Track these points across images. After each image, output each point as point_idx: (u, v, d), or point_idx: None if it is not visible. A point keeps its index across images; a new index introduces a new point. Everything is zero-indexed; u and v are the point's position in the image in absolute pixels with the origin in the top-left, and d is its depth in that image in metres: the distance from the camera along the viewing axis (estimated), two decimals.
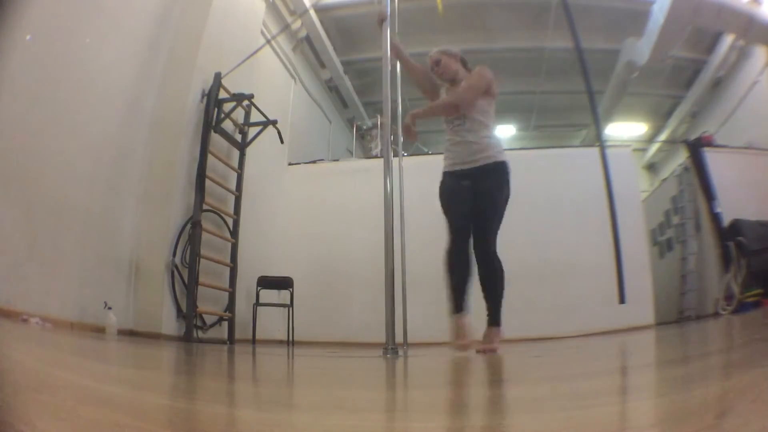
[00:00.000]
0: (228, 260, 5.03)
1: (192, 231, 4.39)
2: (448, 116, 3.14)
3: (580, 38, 4.47)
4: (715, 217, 6.50)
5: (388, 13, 3.43)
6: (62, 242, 3.50)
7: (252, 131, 5.45)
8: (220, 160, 4.94)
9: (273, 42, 6.35)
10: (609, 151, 4.63)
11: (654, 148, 11.03)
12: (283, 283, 5.48)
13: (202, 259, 4.41)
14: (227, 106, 4.93)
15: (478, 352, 2.91)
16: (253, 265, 5.54)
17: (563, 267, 6.10)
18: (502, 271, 3.03)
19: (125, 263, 4.14)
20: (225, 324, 4.95)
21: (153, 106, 4.50)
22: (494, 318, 3.02)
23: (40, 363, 1.51)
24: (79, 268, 3.64)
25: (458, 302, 2.93)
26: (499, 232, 3.13)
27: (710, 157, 6.81)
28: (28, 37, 3.13)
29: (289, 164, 7.03)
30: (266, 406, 1.17)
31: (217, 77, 4.79)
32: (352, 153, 9.57)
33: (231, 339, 4.89)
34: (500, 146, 3.14)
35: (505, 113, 10.39)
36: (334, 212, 6.64)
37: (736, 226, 6.26)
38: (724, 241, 6.35)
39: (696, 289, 6.84)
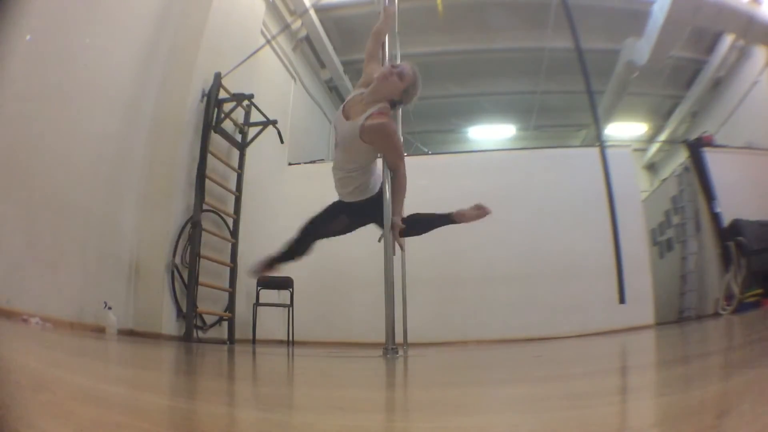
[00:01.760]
0: (228, 260, 5.03)
1: (192, 231, 4.39)
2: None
3: (580, 38, 4.47)
4: (715, 217, 6.50)
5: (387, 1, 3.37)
6: (62, 242, 3.50)
7: (252, 131, 5.45)
8: (220, 160, 4.94)
9: (273, 42, 6.35)
10: (609, 151, 4.63)
11: (654, 148, 11.02)
12: (283, 283, 5.47)
13: (202, 259, 4.41)
14: (227, 106, 4.93)
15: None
16: (253, 265, 5.53)
17: (563, 267, 6.09)
18: None
19: (125, 263, 4.14)
20: (225, 324, 4.95)
21: (153, 106, 4.49)
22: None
23: (40, 363, 1.51)
24: (79, 268, 3.64)
25: None
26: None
27: (710, 157, 6.81)
28: (28, 37, 3.13)
29: (289, 164, 7.03)
30: (266, 406, 1.17)
31: (217, 77, 4.79)
32: None
33: (231, 339, 4.89)
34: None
35: (505, 113, 10.39)
36: None
37: (736, 226, 6.26)
38: (724, 241, 6.34)
39: (696, 289, 6.84)
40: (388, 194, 2.95)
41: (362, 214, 2.99)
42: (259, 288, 5.36)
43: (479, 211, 3.26)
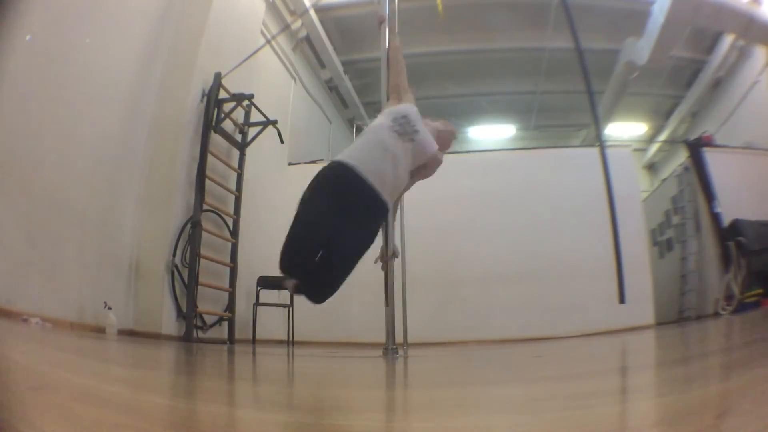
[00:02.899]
0: (228, 260, 5.03)
1: (192, 231, 4.39)
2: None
3: (580, 38, 4.46)
4: (715, 217, 6.49)
5: (387, 13, 3.41)
6: (62, 242, 3.50)
7: (252, 131, 5.45)
8: (220, 160, 4.94)
9: (273, 42, 6.35)
10: (609, 151, 4.62)
11: (654, 148, 11.02)
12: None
13: (202, 259, 4.41)
14: (227, 106, 4.93)
15: None
16: (253, 265, 5.53)
17: (563, 267, 6.09)
18: None
19: (125, 263, 4.14)
20: (225, 324, 4.95)
21: (153, 106, 4.49)
22: None
23: (40, 363, 1.51)
24: (79, 268, 3.64)
25: None
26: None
27: (710, 157, 6.80)
28: (28, 37, 3.13)
29: (289, 164, 7.03)
30: (266, 406, 1.17)
31: (217, 77, 4.79)
32: None
33: (231, 339, 4.89)
34: None
35: (505, 113, 10.39)
36: None
37: (736, 226, 6.26)
38: (724, 241, 6.34)
39: (696, 289, 6.83)
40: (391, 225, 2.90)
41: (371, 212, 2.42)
42: (259, 288, 5.36)
43: None
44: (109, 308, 3.70)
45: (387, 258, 2.79)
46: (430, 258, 5.77)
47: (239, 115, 5.23)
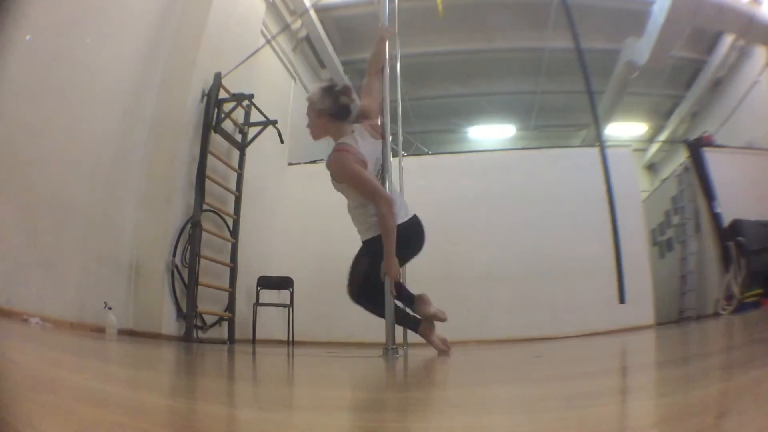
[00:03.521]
0: (228, 260, 5.03)
1: (192, 231, 4.39)
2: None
3: (580, 38, 4.46)
4: (715, 217, 6.50)
5: (387, 18, 3.37)
6: (62, 242, 3.50)
7: (252, 131, 5.45)
8: (220, 160, 4.94)
9: (273, 42, 6.35)
10: (609, 151, 4.62)
11: (654, 148, 11.03)
12: (283, 283, 5.47)
13: (202, 259, 4.41)
14: (227, 106, 4.93)
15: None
16: (253, 265, 5.53)
17: (563, 267, 6.09)
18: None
19: (125, 263, 4.14)
20: (225, 324, 4.95)
21: (153, 106, 4.49)
22: None
23: (40, 363, 1.51)
24: (79, 268, 3.64)
25: None
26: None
27: (710, 157, 6.81)
28: (28, 37, 3.13)
29: (289, 164, 7.03)
30: (266, 406, 1.17)
31: (217, 77, 4.79)
32: None
33: (231, 339, 4.89)
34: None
35: (505, 113, 10.39)
36: (335, 212, 6.61)
37: (736, 226, 6.26)
38: (724, 241, 6.35)
39: (696, 289, 6.84)
40: (388, 188, 2.96)
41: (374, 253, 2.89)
42: (259, 288, 5.36)
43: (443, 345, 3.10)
44: (109, 308, 3.70)
45: (383, 273, 2.88)
46: (430, 258, 5.75)
47: (239, 115, 5.23)
